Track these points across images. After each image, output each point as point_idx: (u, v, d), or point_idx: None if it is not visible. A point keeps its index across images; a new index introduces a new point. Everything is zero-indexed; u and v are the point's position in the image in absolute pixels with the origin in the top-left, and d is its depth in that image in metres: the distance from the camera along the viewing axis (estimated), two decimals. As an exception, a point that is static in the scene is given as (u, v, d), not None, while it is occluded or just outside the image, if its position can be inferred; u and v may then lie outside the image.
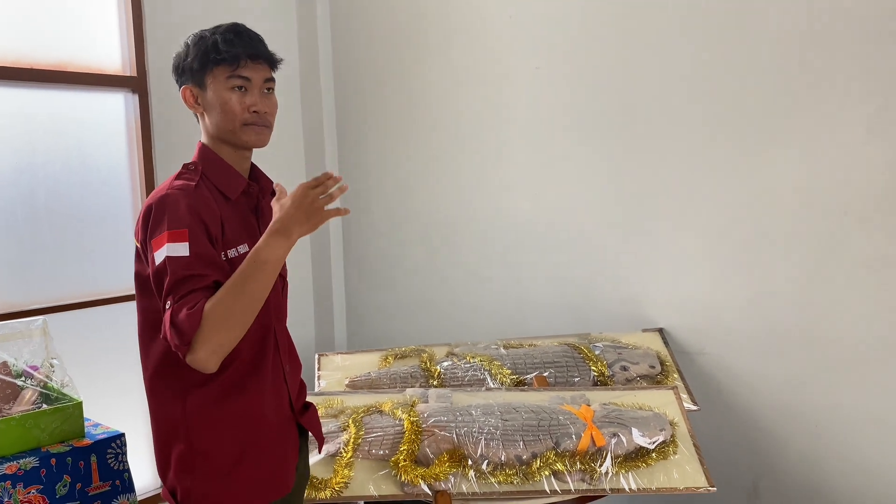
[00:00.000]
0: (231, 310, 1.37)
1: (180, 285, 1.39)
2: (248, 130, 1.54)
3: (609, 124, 2.77)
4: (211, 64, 1.53)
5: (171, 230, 1.41)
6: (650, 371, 2.46)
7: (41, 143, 2.74)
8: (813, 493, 2.47)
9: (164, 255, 1.39)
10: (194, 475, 1.50)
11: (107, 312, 2.94)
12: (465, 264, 3.23)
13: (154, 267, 1.42)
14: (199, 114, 1.59)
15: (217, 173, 1.56)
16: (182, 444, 1.50)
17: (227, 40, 1.52)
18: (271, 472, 1.57)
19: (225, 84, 1.52)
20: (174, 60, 1.61)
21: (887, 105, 2.22)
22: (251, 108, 1.53)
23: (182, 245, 1.40)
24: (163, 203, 1.45)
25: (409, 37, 3.28)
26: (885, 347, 2.30)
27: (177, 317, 1.36)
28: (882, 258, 2.28)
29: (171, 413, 1.51)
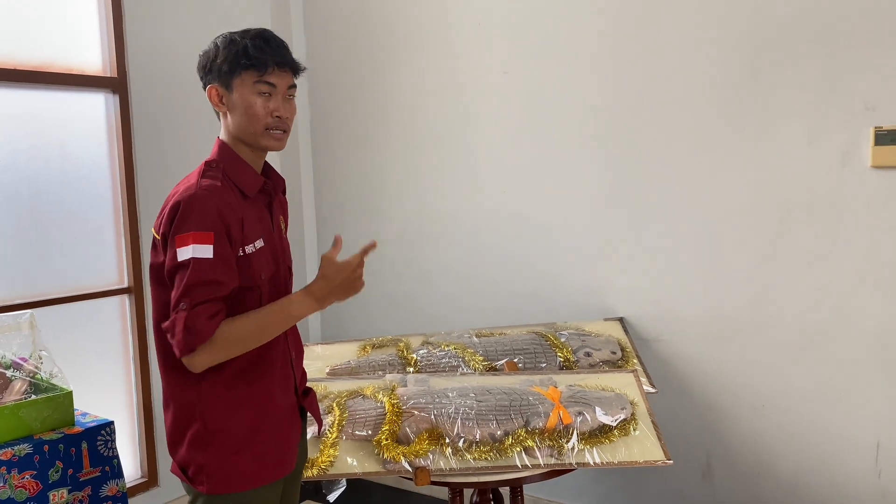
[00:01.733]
0: (244, 341, 1.53)
1: (199, 289, 1.46)
2: (269, 135, 1.60)
3: (573, 127, 2.90)
4: (240, 68, 1.57)
5: (197, 231, 1.47)
6: (612, 357, 2.60)
7: (24, 142, 2.77)
8: (761, 466, 2.65)
9: (190, 255, 1.46)
10: (207, 452, 1.58)
11: (89, 307, 2.98)
12: (437, 259, 3.33)
13: (174, 262, 1.49)
14: (223, 113, 1.63)
15: (236, 172, 1.61)
16: (197, 424, 1.58)
17: (256, 46, 1.57)
18: (278, 452, 1.65)
19: (252, 88, 1.58)
20: (201, 59, 1.64)
21: (823, 116, 2.41)
22: (274, 112, 1.59)
23: (207, 247, 1.47)
24: (192, 202, 1.50)
25: (381, 42, 3.37)
26: (823, 332, 2.49)
27: (194, 321, 1.46)
28: (820, 252, 2.47)
29: (188, 396, 1.59)
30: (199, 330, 1.46)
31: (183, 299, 1.47)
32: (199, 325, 1.46)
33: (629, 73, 2.76)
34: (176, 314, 1.48)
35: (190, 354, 1.48)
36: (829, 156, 2.42)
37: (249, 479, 1.60)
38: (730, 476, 2.72)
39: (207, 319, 1.47)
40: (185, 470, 1.63)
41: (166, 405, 1.66)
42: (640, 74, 2.74)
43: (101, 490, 2.22)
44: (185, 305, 1.46)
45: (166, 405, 1.66)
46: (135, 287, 3.10)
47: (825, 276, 2.47)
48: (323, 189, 3.67)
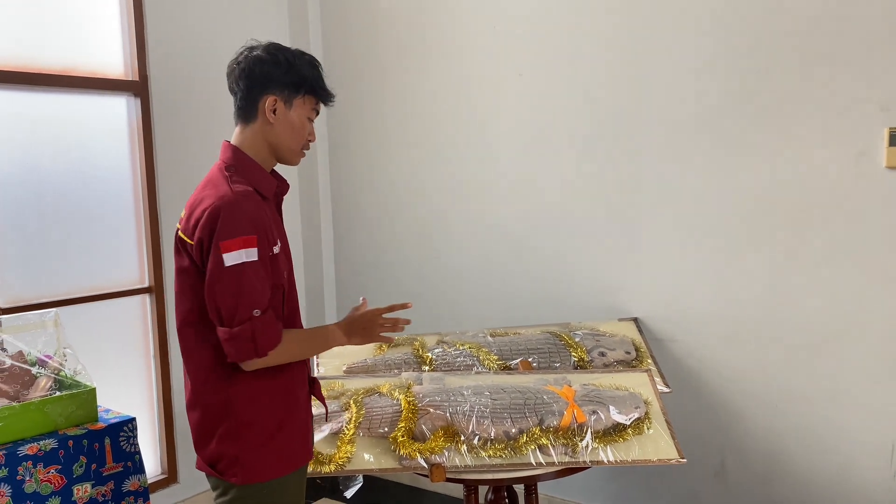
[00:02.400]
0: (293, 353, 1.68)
1: (258, 294, 1.58)
2: (300, 154, 1.77)
3: (588, 129, 2.92)
4: (308, 93, 1.71)
5: (244, 236, 1.56)
6: (626, 357, 2.62)
7: (48, 145, 2.83)
8: (775, 466, 2.66)
9: (242, 259, 1.55)
10: (239, 444, 1.65)
11: (111, 306, 3.04)
12: (451, 260, 3.35)
13: (220, 267, 1.55)
14: (268, 122, 1.69)
15: (255, 176, 1.69)
16: (229, 419, 1.66)
17: (323, 80, 1.75)
18: (302, 440, 1.76)
19: (307, 112, 1.73)
20: (264, 65, 1.68)
21: (839, 117, 2.42)
22: (310, 136, 1.76)
23: (253, 251, 1.57)
24: (234, 207, 1.57)
25: (397, 46, 3.41)
26: (838, 332, 2.49)
27: (269, 327, 1.59)
28: (835, 253, 2.48)
29: (220, 394, 1.66)
30: (275, 334, 1.61)
31: (253, 305, 1.57)
32: (274, 329, 1.60)
33: (644, 75, 2.78)
34: (249, 321, 1.56)
35: (262, 358, 1.60)
36: (844, 157, 2.43)
37: (279, 467, 1.69)
38: (743, 476, 2.73)
39: (276, 324, 1.61)
40: (213, 465, 1.70)
41: (193, 405, 1.73)
42: (654, 76, 2.75)
43: (123, 485, 2.27)
44: (259, 312, 1.57)
45: (193, 405, 1.73)
46: (155, 287, 3.16)
47: (839, 277, 2.48)
48: (339, 191, 3.71)
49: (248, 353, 1.58)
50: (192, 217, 1.62)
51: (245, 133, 1.72)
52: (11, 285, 2.74)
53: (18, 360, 2.29)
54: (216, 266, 1.56)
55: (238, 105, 1.73)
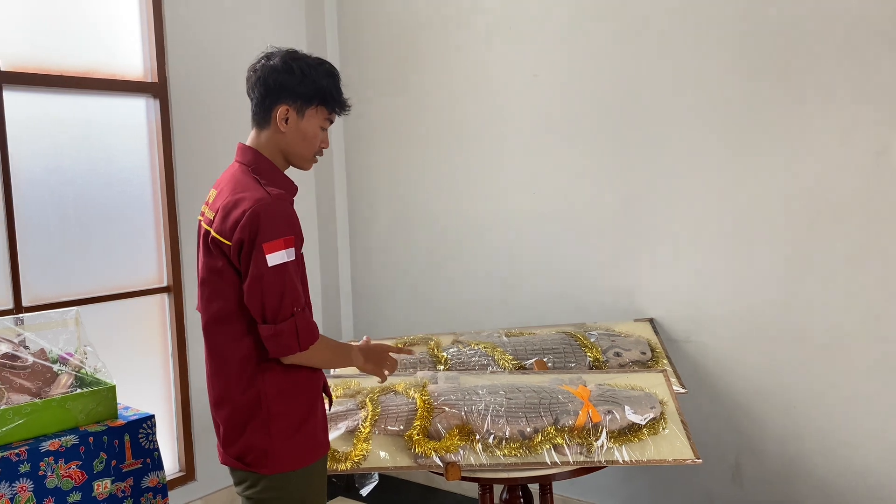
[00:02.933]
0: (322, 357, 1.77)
1: (297, 292, 1.66)
2: (311, 161, 1.83)
3: (604, 129, 2.93)
4: (320, 103, 1.75)
5: (285, 237, 1.63)
6: (641, 357, 2.61)
7: (69, 145, 2.87)
8: (792, 468, 2.64)
9: (283, 259, 1.62)
10: (270, 436, 1.71)
11: (130, 305, 3.08)
12: (466, 260, 3.37)
13: (263, 268, 1.62)
14: (280, 131, 1.74)
15: (279, 179, 1.76)
16: (261, 412, 1.72)
17: (338, 90, 1.78)
18: (324, 430, 1.84)
19: (319, 122, 1.77)
20: (278, 75, 1.72)
21: (857, 116, 2.41)
22: (322, 145, 1.81)
23: (292, 251, 1.65)
24: (271, 210, 1.63)
25: (412, 46, 3.43)
26: (855, 333, 2.48)
27: (310, 323, 1.69)
28: (853, 252, 2.46)
29: (251, 390, 1.72)
30: (314, 330, 1.70)
31: (295, 303, 1.65)
32: (313, 325, 1.70)
33: (660, 75, 2.78)
34: (293, 317, 1.65)
35: (303, 352, 1.68)
36: (862, 156, 2.41)
37: (306, 456, 1.76)
38: (759, 477, 2.71)
39: (313, 320, 1.72)
40: (242, 458, 1.75)
41: (222, 402, 1.78)
42: (670, 75, 2.75)
43: (142, 481, 2.29)
44: (299, 308, 1.66)
45: (222, 402, 1.78)
46: (174, 286, 3.19)
47: (857, 277, 2.46)
48: (355, 191, 3.73)
49: (292, 347, 1.66)
50: (230, 219, 1.65)
51: (260, 138, 1.78)
52: (34, 284, 2.79)
53: (40, 357, 2.32)
54: (259, 266, 1.62)
55: (253, 110, 1.78)
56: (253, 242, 1.61)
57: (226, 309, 1.71)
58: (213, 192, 1.81)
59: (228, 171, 1.80)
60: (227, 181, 1.76)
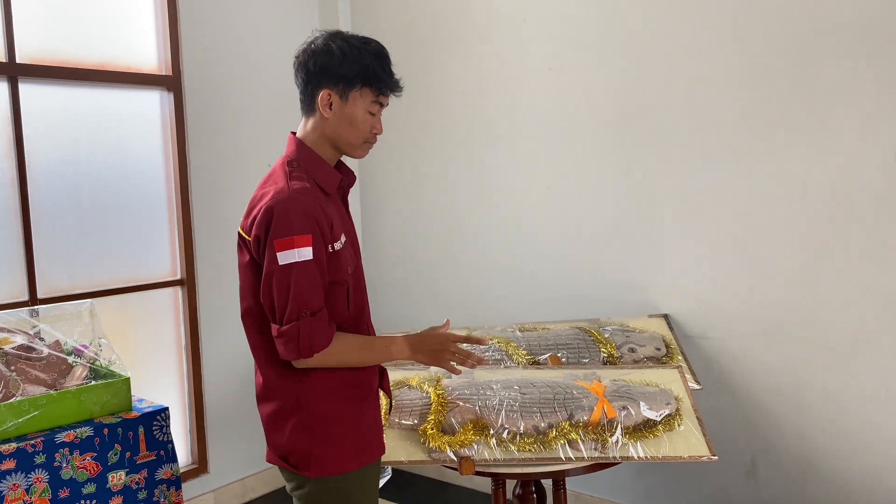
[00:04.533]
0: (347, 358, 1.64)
1: (311, 294, 1.56)
2: (364, 147, 1.70)
3: (618, 123, 2.91)
4: (364, 85, 1.63)
5: (299, 235, 1.53)
6: (656, 353, 2.59)
7: (85, 138, 2.88)
8: (808, 465, 2.62)
9: (295, 258, 1.53)
10: (314, 437, 1.64)
11: (144, 297, 3.09)
12: (481, 255, 3.36)
13: (274, 265, 1.55)
14: (325, 117, 1.65)
15: (317, 171, 1.66)
16: (303, 412, 1.65)
17: (385, 70, 1.66)
18: (376, 433, 1.75)
19: (366, 105, 1.65)
20: (318, 57, 1.63)
21: (878, 110, 2.37)
22: (373, 130, 1.69)
23: (307, 250, 1.54)
24: (289, 205, 1.55)
25: (425, 41, 3.42)
26: (872, 331, 2.45)
27: (317, 328, 1.56)
28: (872, 250, 2.43)
29: (295, 386, 1.65)
30: (322, 337, 1.58)
31: (303, 306, 1.55)
32: (322, 331, 1.58)
33: (676, 69, 2.75)
34: (298, 320, 1.55)
35: (308, 359, 1.59)
36: (882, 153, 2.38)
37: (355, 461, 1.68)
38: (775, 475, 2.69)
39: (328, 327, 1.59)
40: (286, 458, 1.68)
41: (266, 397, 1.70)
42: (687, 70, 2.73)
43: (156, 473, 2.31)
44: (308, 312, 1.56)
45: (266, 397, 1.70)
46: (187, 279, 3.20)
47: (876, 275, 2.43)
48: (368, 185, 3.73)
49: (294, 352, 1.57)
50: (252, 214, 1.61)
51: (307, 126, 1.69)
52: (48, 276, 2.80)
53: (55, 349, 2.34)
54: (270, 264, 1.56)
55: (300, 98, 1.69)
56: (266, 238, 1.56)
57: (257, 305, 1.66)
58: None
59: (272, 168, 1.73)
60: (264, 178, 1.70)
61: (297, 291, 1.54)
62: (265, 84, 3.39)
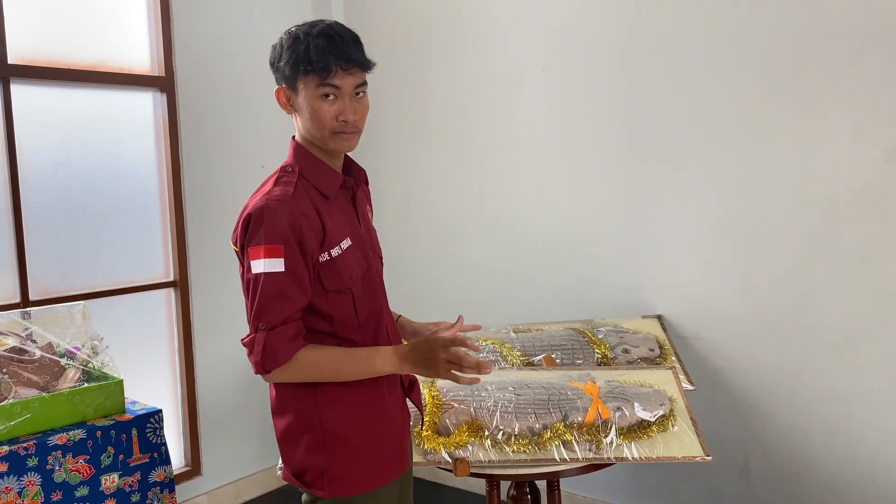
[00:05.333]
0: (320, 374, 1.52)
1: (273, 306, 1.45)
2: (336, 138, 1.54)
3: (611, 124, 2.91)
4: (301, 72, 1.49)
5: (268, 244, 1.44)
6: (650, 354, 2.60)
7: (76, 139, 2.87)
8: (800, 465, 2.63)
9: (262, 269, 1.45)
10: (327, 456, 1.55)
11: (137, 300, 3.08)
12: (475, 256, 3.36)
13: (249, 274, 1.48)
14: (290, 115, 1.59)
15: (314, 173, 1.56)
16: (315, 429, 1.56)
17: (318, 49, 1.47)
18: (394, 451, 1.64)
19: (315, 92, 1.50)
20: (271, 56, 1.57)
21: (871, 109, 2.39)
22: (339, 116, 1.51)
23: (278, 261, 1.44)
24: (261, 214, 1.47)
25: (420, 42, 3.42)
26: (865, 331, 2.46)
27: (273, 343, 1.45)
28: (864, 249, 2.45)
29: (305, 403, 1.56)
30: (278, 353, 1.46)
31: (260, 318, 1.46)
32: (279, 347, 1.46)
33: (669, 69, 2.76)
34: (255, 333, 1.47)
35: (267, 375, 1.50)
36: (874, 152, 2.40)
37: (370, 481, 1.59)
38: (768, 475, 2.70)
39: (287, 342, 1.47)
40: (299, 476, 1.61)
41: (280, 410, 1.62)
42: (680, 70, 2.74)
43: (149, 476, 2.30)
44: (264, 326, 1.46)
45: (280, 410, 1.62)
46: (180, 281, 3.19)
47: (868, 274, 2.44)
48: (362, 186, 3.72)
49: (254, 366, 1.50)
50: (237, 223, 1.56)
51: (295, 130, 1.63)
52: (41, 278, 2.78)
53: (48, 351, 2.32)
54: (246, 272, 1.51)
55: None
56: (243, 246, 1.51)
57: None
58: None
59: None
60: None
61: (259, 303, 1.46)
62: (258, 85, 3.39)
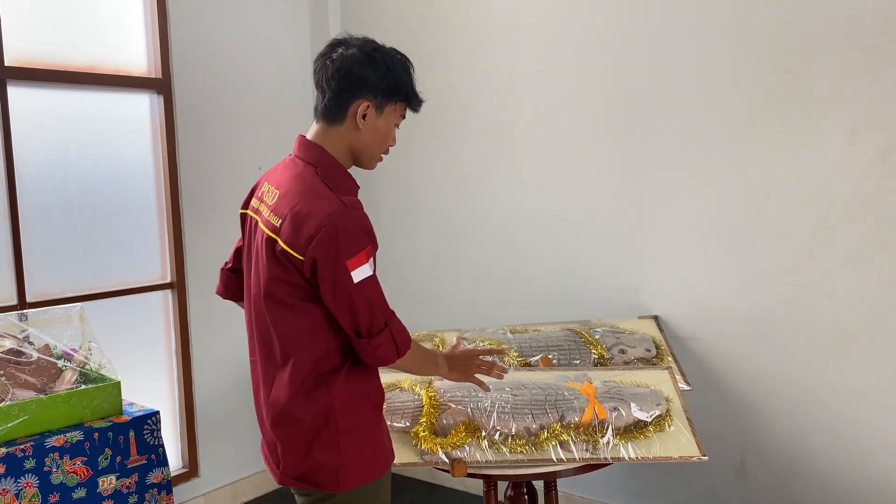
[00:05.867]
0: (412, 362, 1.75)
1: (383, 302, 1.63)
2: (377, 160, 1.73)
3: (608, 125, 2.92)
4: (400, 100, 1.65)
5: (364, 251, 1.55)
6: (646, 354, 2.61)
7: (73, 140, 2.87)
8: (797, 465, 2.64)
9: (368, 273, 1.56)
10: (342, 452, 1.61)
11: (134, 301, 3.08)
12: (472, 257, 3.36)
13: (350, 285, 1.53)
14: (356, 128, 1.62)
15: (347, 181, 1.65)
16: (328, 428, 1.61)
17: (414, 85, 1.68)
18: (390, 439, 1.76)
19: (395, 119, 1.68)
20: (357, 66, 1.59)
21: (866, 111, 2.40)
22: (391, 143, 1.71)
23: (372, 261, 1.59)
24: (352, 224, 1.54)
25: (417, 43, 3.41)
26: (861, 331, 2.47)
27: (402, 331, 1.66)
28: (860, 250, 2.46)
29: (321, 401, 1.61)
30: (406, 336, 1.67)
31: (382, 315, 1.62)
32: (404, 332, 1.67)
33: (664, 71, 2.77)
34: (383, 329, 1.61)
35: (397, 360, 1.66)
36: (870, 154, 2.41)
37: (379, 467, 1.68)
38: (764, 474, 2.71)
39: (405, 328, 1.68)
40: (306, 477, 1.64)
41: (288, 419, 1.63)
42: (676, 71, 2.75)
43: (147, 477, 2.30)
44: (386, 319, 1.63)
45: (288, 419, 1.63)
46: (177, 282, 3.19)
47: (863, 275, 2.46)
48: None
49: (391, 357, 1.63)
50: (303, 232, 1.53)
51: (329, 133, 1.64)
52: (38, 279, 2.78)
53: (45, 353, 2.33)
54: (346, 285, 1.54)
55: (325, 104, 1.63)
56: (336, 261, 1.52)
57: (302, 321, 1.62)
58: (269, 186, 1.67)
59: (290, 170, 1.64)
60: (290, 181, 1.61)
61: (378, 301, 1.60)
62: (255, 86, 3.39)
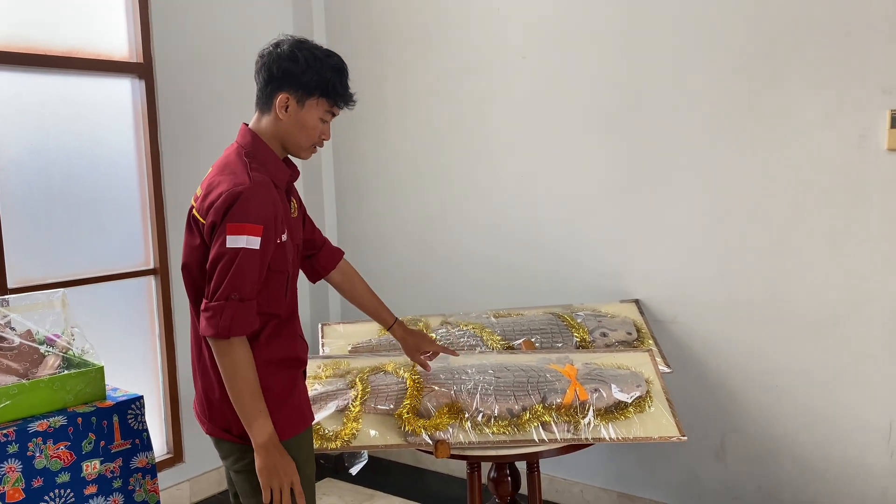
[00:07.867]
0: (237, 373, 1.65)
1: (247, 281, 1.62)
2: (308, 151, 1.81)
3: (590, 112, 2.93)
4: (321, 95, 1.73)
5: (253, 223, 1.61)
6: (627, 337, 2.64)
7: (55, 126, 2.84)
8: (774, 445, 2.69)
9: (243, 244, 1.60)
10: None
11: (117, 287, 3.07)
12: (455, 242, 3.38)
13: (222, 248, 1.62)
14: (279, 118, 1.74)
15: (271, 165, 1.76)
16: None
17: (342, 84, 1.75)
18: (307, 405, 1.87)
19: (320, 114, 1.76)
20: (283, 62, 1.72)
21: (840, 99, 2.43)
22: (322, 137, 1.79)
23: (256, 240, 1.62)
24: (250, 195, 1.63)
25: (400, 32, 3.41)
26: (838, 314, 2.52)
27: (243, 314, 1.63)
28: (836, 234, 2.50)
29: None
30: (243, 324, 1.64)
31: (234, 289, 1.62)
32: (245, 320, 1.64)
33: (645, 58, 2.79)
34: (225, 301, 1.62)
35: (226, 340, 1.64)
36: (846, 138, 2.44)
37: (293, 428, 1.78)
38: (743, 455, 2.76)
39: (252, 317, 1.66)
40: (230, 430, 1.77)
41: (203, 372, 1.80)
42: (655, 58, 2.76)
43: (131, 462, 2.29)
44: (237, 296, 1.62)
45: (203, 372, 1.80)
46: (161, 268, 3.18)
47: (840, 259, 2.50)
48: (342, 176, 3.72)
49: (212, 329, 1.62)
50: (208, 199, 1.67)
51: (261, 122, 1.78)
52: (20, 266, 2.76)
53: (27, 338, 2.31)
54: (220, 247, 1.63)
55: (257, 94, 1.78)
56: (222, 223, 1.63)
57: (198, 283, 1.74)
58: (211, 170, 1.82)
59: (226, 151, 1.80)
60: (219, 161, 1.77)
61: (235, 274, 1.61)
62: (237, 72, 3.37)
